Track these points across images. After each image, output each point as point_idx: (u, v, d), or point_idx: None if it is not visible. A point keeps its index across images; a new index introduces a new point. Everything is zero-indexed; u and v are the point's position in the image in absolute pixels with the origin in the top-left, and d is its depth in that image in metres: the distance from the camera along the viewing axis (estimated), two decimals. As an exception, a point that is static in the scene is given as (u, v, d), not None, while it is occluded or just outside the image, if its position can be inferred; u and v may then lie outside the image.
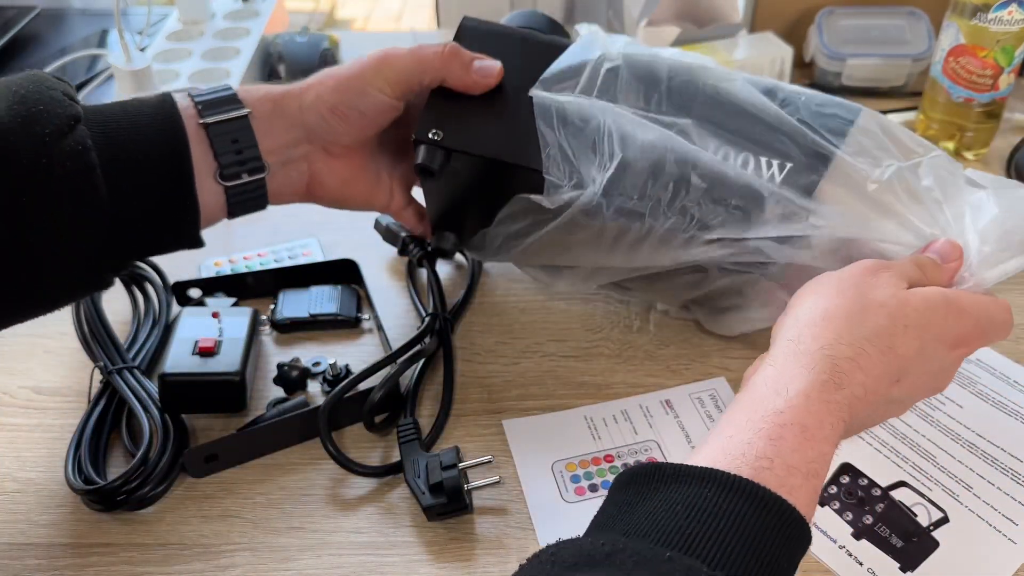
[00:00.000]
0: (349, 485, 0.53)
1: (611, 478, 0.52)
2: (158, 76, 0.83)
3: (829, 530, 0.50)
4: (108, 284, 0.49)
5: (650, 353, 0.61)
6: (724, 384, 0.58)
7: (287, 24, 1.07)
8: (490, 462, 0.51)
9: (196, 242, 0.50)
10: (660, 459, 0.53)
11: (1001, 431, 0.55)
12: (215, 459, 0.52)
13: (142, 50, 0.87)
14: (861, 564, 0.48)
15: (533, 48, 0.54)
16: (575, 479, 0.52)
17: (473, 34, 0.55)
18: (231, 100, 0.49)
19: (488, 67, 0.52)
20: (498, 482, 0.51)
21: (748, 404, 0.39)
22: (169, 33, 0.95)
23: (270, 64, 0.95)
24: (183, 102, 0.48)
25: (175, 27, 0.96)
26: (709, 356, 0.60)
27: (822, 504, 0.51)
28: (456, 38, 0.54)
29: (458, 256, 0.69)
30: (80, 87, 0.90)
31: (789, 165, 0.51)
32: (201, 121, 0.48)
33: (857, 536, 0.49)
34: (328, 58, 0.94)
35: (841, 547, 0.49)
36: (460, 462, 0.50)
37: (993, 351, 0.60)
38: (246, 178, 0.50)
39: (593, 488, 0.52)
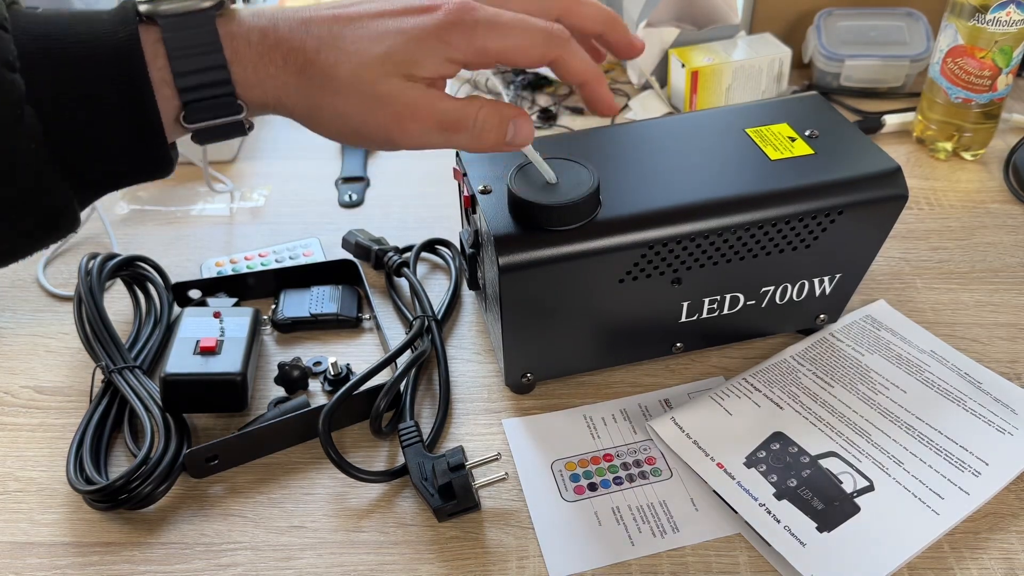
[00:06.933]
0: (350, 484, 0.53)
1: (611, 477, 0.52)
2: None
3: (752, 489, 0.50)
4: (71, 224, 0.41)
5: (649, 353, 0.61)
6: (723, 384, 0.58)
7: (287, 25, 1.07)
8: (498, 458, 0.51)
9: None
10: (659, 460, 0.54)
11: (942, 416, 0.54)
12: (215, 460, 0.53)
13: (143, 51, 0.86)
14: (779, 522, 0.48)
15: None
16: (574, 478, 0.52)
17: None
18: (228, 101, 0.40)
19: (521, 134, 0.44)
20: (505, 478, 0.51)
21: None
22: (170, 34, 0.95)
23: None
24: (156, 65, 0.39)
25: (176, 28, 0.96)
26: (708, 356, 0.61)
27: (749, 466, 0.51)
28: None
29: (436, 259, 0.69)
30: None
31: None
32: (186, 124, 0.40)
33: (779, 496, 0.50)
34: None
35: (761, 505, 0.49)
36: (466, 462, 0.50)
37: (948, 345, 0.60)
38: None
39: (592, 487, 0.52)
